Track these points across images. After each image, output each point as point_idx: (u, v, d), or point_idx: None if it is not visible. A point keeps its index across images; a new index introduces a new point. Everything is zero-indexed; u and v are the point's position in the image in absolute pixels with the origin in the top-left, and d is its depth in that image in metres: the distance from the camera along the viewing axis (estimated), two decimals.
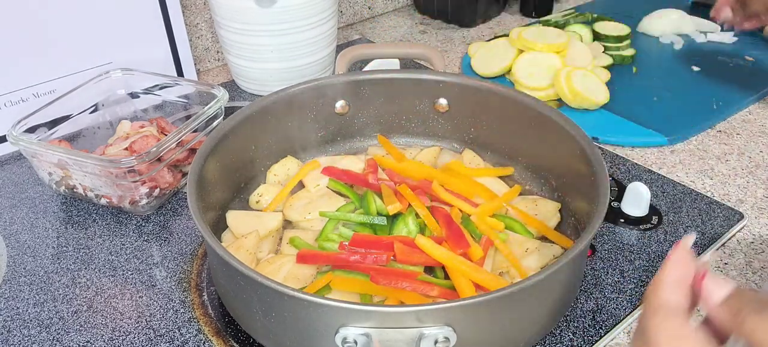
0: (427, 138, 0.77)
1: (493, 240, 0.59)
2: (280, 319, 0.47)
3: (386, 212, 0.62)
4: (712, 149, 0.80)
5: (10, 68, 0.80)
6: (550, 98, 0.88)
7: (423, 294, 0.53)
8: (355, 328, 0.43)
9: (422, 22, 1.25)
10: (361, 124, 0.76)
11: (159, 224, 0.69)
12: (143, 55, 0.89)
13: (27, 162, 0.79)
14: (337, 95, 0.73)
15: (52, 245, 0.66)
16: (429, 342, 0.43)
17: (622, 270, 0.60)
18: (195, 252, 0.64)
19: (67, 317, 0.57)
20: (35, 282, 0.62)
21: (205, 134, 0.72)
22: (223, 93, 0.75)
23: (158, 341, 0.54)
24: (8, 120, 0.75)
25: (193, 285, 0.60)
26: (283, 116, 0.70)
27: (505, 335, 0.48)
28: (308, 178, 0.70)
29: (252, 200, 0.68)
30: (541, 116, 0.65)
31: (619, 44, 1.01)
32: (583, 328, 0.54)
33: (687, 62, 1.01)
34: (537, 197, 0.67)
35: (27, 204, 0.73)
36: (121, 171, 0.64)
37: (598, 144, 0.80)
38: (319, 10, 0.89)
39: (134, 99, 0.83)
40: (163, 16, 0.90)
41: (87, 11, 0.83)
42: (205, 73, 1.05)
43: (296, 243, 0.61)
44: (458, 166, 0.70)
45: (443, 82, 0.72)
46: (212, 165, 0.61)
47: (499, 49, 0.97)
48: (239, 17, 0.86)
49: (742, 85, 0.92)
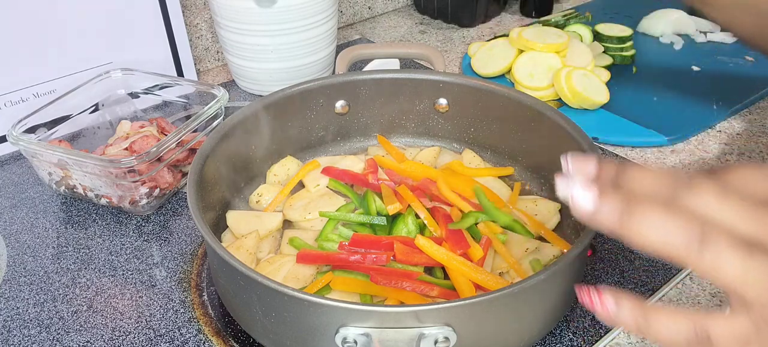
0: (427, 138, 0.77)
1: (493, 241, 0.59)
2: (280, 319, 0.47)
3: (386, 212, 0.62)
4: (712, 149, 0.80)
5: (10, 68, 0.80)
6: (550, 98, 0.88)
7: (423, 294, 0.53)
8: (355, 328, 0.43)
9: (422, 22, 1.25)
10: (361, 124, 0.76)
11: (159, 224, 0.69)
12: (143, 55, 0.89)
13: (27, 162, 0.79)
14: (337, 95, 0.73)
15: (52, 245, 0.66)
16: (429, 342, 0.43)
17: (622, 270, 0.60)
18: (195, 252, 0.64)
19: (67, 317, 0.57)
20: (35, 282, 0.62)
21: (205, 134, 0.72)
22: (223, 93, 0.75)
23: (158, 341, 0.54)
24: (8, 120, 0.75)
25: (193, 285, 0.60)
26: (283, 116, 0.70)
27: (505, 335, 0.48)
28: (308, 178, 0.70)
29: (252, 200, 0.69)
30: (541, 116, 0.65)
31: (621, 46, 1.01)
32: (583, 328, 0.54)
33: (687, 62, 1.01)
34: (537, 197, 0.67)
35: (27, 204, 0.73)
36: (121, 171, 0.64)
37: (598, 144, 0.80)
38: (319, 10, 0.89)
39: (134, 99, 0.83)
40: (163, 16, 0.90)
41: (87, 11, 0.83)
42: (205, 73, 1.05)
43: (296, 243, 0.61)
44: (458, 166, 0.70)
45: (443, 82, 0.72)
46: (212, 165, 0.61)
47: (499, 49, 0.97)
48: (239, 17, 0.86)
49: (742, 85, 0.92)
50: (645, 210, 0.32)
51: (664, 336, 0.33)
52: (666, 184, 0.33)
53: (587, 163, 0.35)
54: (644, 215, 0.32)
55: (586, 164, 0.35)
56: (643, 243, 0.32)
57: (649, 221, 0.32)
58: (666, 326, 0.33)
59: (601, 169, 0.35)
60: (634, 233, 0.32)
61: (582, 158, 0.36)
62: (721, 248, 0.30)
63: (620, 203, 0.33)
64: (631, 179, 0.34)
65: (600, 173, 0.35)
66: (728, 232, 0.31)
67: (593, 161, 0.35)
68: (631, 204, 0.32)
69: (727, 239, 0.31)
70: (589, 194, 0.33)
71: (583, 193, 0.34)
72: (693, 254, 0.31)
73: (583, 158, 0.36)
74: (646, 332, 0.34)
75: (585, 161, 0.35)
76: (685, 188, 0.33)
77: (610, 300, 0.34)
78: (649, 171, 0.34)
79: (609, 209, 0.33)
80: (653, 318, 0.33)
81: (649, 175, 0.34)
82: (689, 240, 0.31)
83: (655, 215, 0.32)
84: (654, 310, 0.34)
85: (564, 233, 0.62)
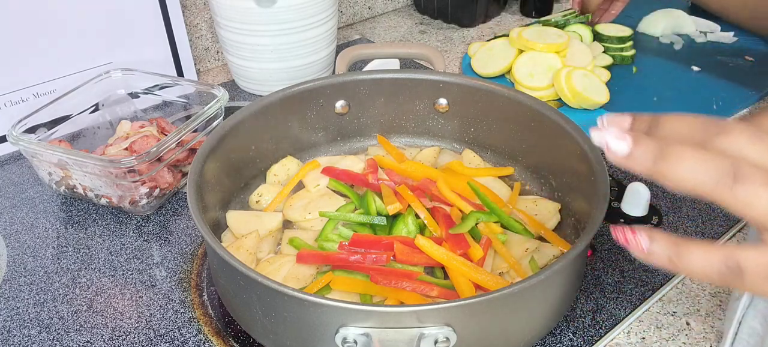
0: (427, 138, 0.77)
1: (493, 241, 0.59)
2: (280, 319, 0.47)
3: (386, 212, 0.62)
4: None
5: (10, 68, 0.80)
6: (550, 98, 0.88)
7: (423, 294, 0.53)
8: (355, 328, 0.43)
9: (422, 22, 1.25)
10: (361, 124, 0.76)
11: (159, 224, 0.69)
12: (143, 55, 0.89)
13: (27, 162, 0.79)
14: (337, 95, 0.73)
15: (52, 245, 0.66)
16: (429, 342, 0.43)
17: (622, 269, 0.60)
18: (195, 252, 0.64)
19: (67, 317, 0.57)
20: (35, 282, 0.62)
21: (205, 134, 0.72)
22: (223, 93, 0.75)
23: (158, 341, 0.54)
24: (8, 120, 0.75)
25: (193, 285, 0.60)
26: (283, 116, 0.70)
27: (505, 335, 0.48)
28: (308, 178, 0.70)
29: (252, 200, 0.69)
30: (541, 116, 0.65)
31: (621, 46, 1.01)
32: (583, 328, 0.54)
33: (687, 62, 1.01)
34: (537, 197, 0.67)
35: (27, 204, 0.73)
36: (121, 171, 0.64)
37: None
38: (319, 10, 0.89)
39: (134, 99, 0.83)
40: (163, 16, 0.90)
41: (87, 11, 0.83)
42: (205, 73, 1.05)
43: (296, 243, 0.61)
44: (458, 166, 0.70)
45: (443, 82, 0.72)
46: (212, 165, 0.61)
47: (499, 49, 0.97)
48: (239, 17, 0.86)
49: (742, 86, 0.92)
50: (678, 151, 0.33)
51: (697, 268, 0.34)
52: (699, 128, 0.34)
53: (622, 117, 0.37)
54: (677, 156, 0.33)
55: (621, 118, 0.37)
56: (676, 183, 0.33)
57: (682, 161, 0.33)
58: (698, 258, 0.34)
59: (634, 121, 0.37)
60: (669, 173, 0.33)
61: (617, 114, 0.37)
62: (753, 183, 0.32)
63: (654, 147, 0.34)
64: (665, 125, 0.35)
65: (634, 125, 0.37)
66: (760, 168, 0.32)
67: (628, 116, 0.37)
68: (664, 147, 0.33)
69: (759, 175, 0.32)
70: (624, 140, 0.35)
71: (617, 139, 0.35)
72: (726, 191, 0.32)
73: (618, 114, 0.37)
74: (679, 265, 0.35)
75: (619, 116, 0.37)
76: (718, 131, 0.34)
77: (644, 237, 0.36)
78: (682, 117, 0.35)
79: (643, 152, 0.34)
80: (686, 251, 0.35)
81: (683, 120, 0.35)
82: (722, 177, 0.32)
83: (688, 155, 0.33)
84: (686, 243, 0.35)
85: (564, 233, 0.62)
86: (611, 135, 0.35)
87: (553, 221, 0.64)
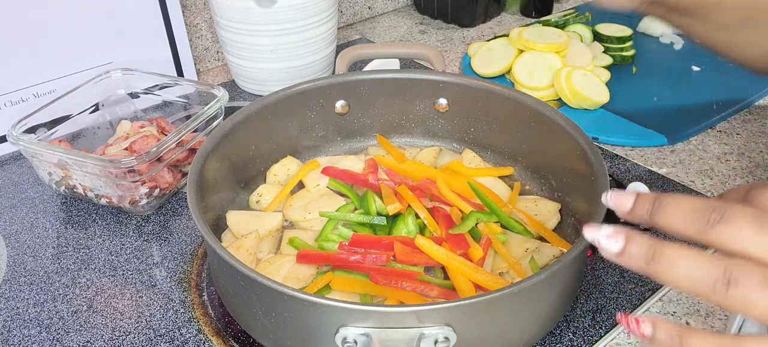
0: (427, 138, 0.77)
1: (493, 241, 0.59)
2: (280, 319, 0.47)
3: (386, 212, 0.62)
4: (712, 149, 0.80)
5: (10, 68, 0.80)
6: (550, 98, 0.88)
7: (423, 294, 0.53)
8: (355, 328, 0.43)
9: (422, 22, 1.25)
10: (361, 124, 0.76)
11: (159, 224, 0.69)
12: (143, 55, 0.89)
13: (27, 162, 0.79)
14: (337, 95, 0.73)
15: (52, 245, 0.66)
16: (429, 342, 0.43)
17: (622, 269, 0.60)
18: (195, 252, 0.64)
19: (67, 317, 0.57)
20: (35, 282, 0.62)
21: (205, 134, 0.72)
22: (223, 93, 0.75)
23: (158, 341, 0.54)
24: (8, 120, 0.75)
25: (193, 285, 0.60)
26: (283, 116, 0.70)
27: (505, 335, 0.48)
28: (308, 178, 0.70)
29: (252, 200, 0.69)
30: (541, 116, 0.65)
31: (621, 46, 1.01)
32: (583, 328, 0.54)
33: (687, 62, 1.01)
34: (537, 197, 0.67)
35: (27, 204, 0.73)
36: (121, 171, 0.64)
37: (598, 144, 0.80)
38: (319, 10, 0.89)
39: (134, 99, 0.83)
40: (163, 16, 0.90)
41: (87, 11, 0.83)
42: (205, 73, 1.05)
43: (296, 243, 0.61)
44: (458, 166, 0.70)
45: (443, 82, 0.72)
46: (212, 165, 0.61)
47: (499, 49, 0.97)
48: (239, 17, 0.86)
49: (742, 85, 0.92)
50: (669, 255, 0.33)
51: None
52: (700, 215, 0.34)
53: (625, 198, 0.37)
54: (669, 260, 0.33)
55: (625, 199, 0.37)
56: (670, 285, 0.34)
57: (674, 266, 0.33)
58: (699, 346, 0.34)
59: (636, 206, 0.37)
60: (661, 277, 0.34)
61: (621, 195, 0.37)
62: (747, 288, 0.31)
63: (647, 248, 0.34)
64: (666, 210, 0.35)
65: (634, 210, 0.37)
66: (760, 265, 0.32)
67: (631, 197, 0.37)
68: (658, 249, 0.34)
69: (755, 277, 0.31)
70: (615, 240, 0.35)
71: (609, 239, 0.36)
72: (720, 297, 0.32)
73: (623, 194, 0.37)
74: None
75: (623, 197, 0.37)
76: (718, 218, 0.33)
77: (648, 325, 0.36)
78: (684, 202, 0.35)
79: (636, 252, 0.34)
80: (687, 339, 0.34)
81: (684, 205, 0.35)
82: (715, 283, 0.32)
83: (679, 259, 0.33)
84: (688, 332, 0.34)
85: (564, 233, 0.62)
86: (603, 235, 0.36)
87: (553, 221, 0.64)
